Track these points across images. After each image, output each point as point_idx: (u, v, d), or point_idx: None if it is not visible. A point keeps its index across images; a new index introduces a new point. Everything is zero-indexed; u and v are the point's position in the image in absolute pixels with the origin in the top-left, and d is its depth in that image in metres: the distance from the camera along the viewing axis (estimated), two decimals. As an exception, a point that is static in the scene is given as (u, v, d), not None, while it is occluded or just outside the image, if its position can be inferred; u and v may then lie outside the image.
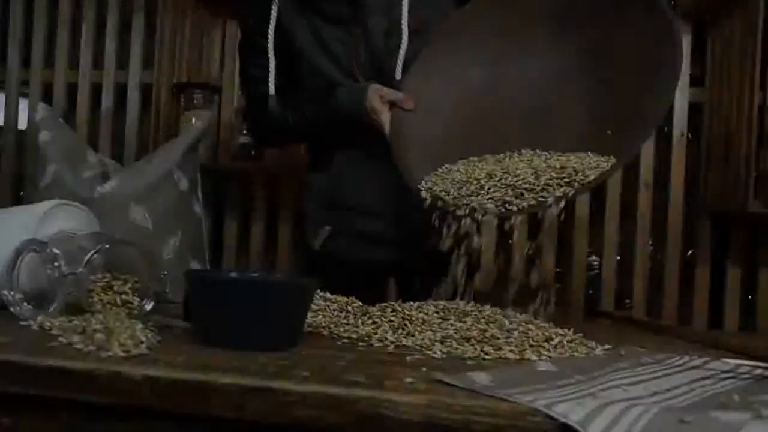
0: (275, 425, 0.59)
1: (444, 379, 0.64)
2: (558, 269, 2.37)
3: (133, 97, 2.58)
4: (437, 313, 0.91)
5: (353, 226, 1.35)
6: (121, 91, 2.60)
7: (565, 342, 0.85)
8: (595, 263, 2.40)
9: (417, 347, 0.82)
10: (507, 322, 0.87)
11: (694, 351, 0.95)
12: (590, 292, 2.40)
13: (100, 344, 0.68)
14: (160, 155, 1.13)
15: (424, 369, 0.69)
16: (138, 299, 0.87)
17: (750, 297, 2.24)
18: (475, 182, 0.98)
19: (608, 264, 2.32)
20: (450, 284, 1.00)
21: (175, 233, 1.10)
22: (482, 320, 0.88)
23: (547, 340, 0.84)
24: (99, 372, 0.63)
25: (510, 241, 0.93)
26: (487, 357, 0.78)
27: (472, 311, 0.91)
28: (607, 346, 0.88)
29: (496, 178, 0.97)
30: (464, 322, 0.87)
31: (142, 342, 0.70)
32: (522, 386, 0.63)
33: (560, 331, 0.89)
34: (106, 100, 2.59)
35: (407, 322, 0.90)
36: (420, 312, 0.92)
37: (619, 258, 2.35)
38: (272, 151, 2.31)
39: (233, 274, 0.84)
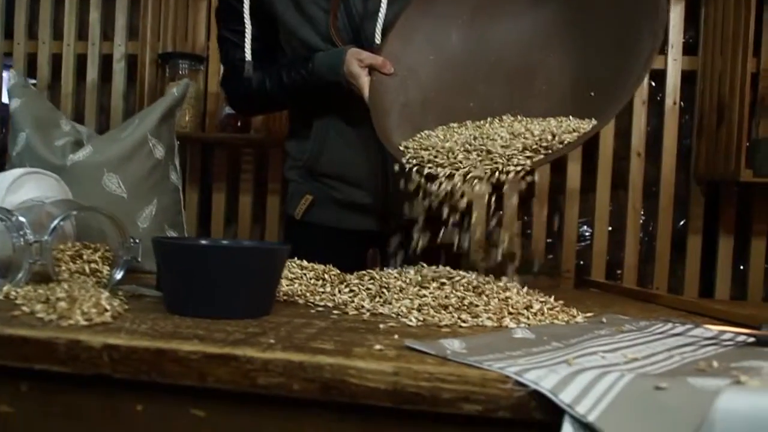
0: (238, 393, 0.57)
1: (414, 345, 0.62)
2: (549, 240, 2.36)
3: (119, 68, 2.54)
4: (416, 280, 0.89)
5: (334, 194, 1.32)
6: (106, 63, 2.56)
7: (545, 309, 0.83)
8: (587, 234, 2.38)
9: (393, 315, 0.80)
10: (487, 289, 0.85)
11: (679, 318, 0.93)
12: (581, 262, 2.39)
13: (62, 313, 0.66)
14: (135, 123, 1.10)
15: (396, 336, 0.67)
16: (108, 268, 0.85)
17: (741, 267, 2.23)
18: (450, 151, 0.95)
19: (600, 234, 2.30)
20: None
21: (151, 202, 1.08)
22: (461, 287, 0.86)
23: (527, 307, 0.83)
24: (58, 340, 0.60)
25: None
26: (463, 324, 0.76)
27: (452, 278, 0.89)
28: (589, 314, 0.86)
29: (472, 147, 0.94)
30: (443, 289, 0.85)
31: (106, 310, 0.68)
32: (495, 353, 0.61)
33: (541, 299, 0.87)
34: (91, 72, 2.55)
35: (384, 290, 0.88)
36: (398, 280, 0.90)
37: (610, 228, 2.33)
38: (259, 122, 2.28)
39: (202, 242, 0.81)
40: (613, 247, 2.33)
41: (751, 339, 0.74)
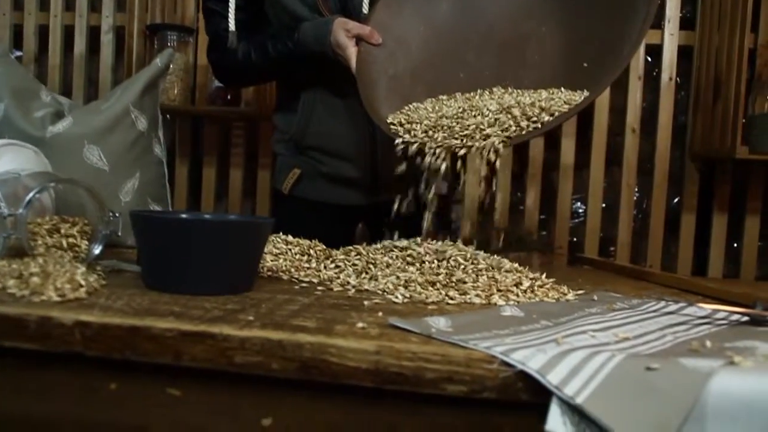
0: (216, 372, 0.55)
1: (398, 323, 0.60)
2: (542, 216, 2.34)
3: (107, 40, 2.49)
4: (403, 256, 0.87)
5: (322, 168, 1.30)
6: (94, 34, 2.51)
7: (536, 287, 0.81)
8: (580, 210, 2.37)
9: (379, 291, 0.78)
10: (476, 264, 0.83)
11: (671, 296, 0.92)
12: (574, 239, 2.37)
13: (35, 289, 0.64)
14: (117, 94, 1.07)
15: (380, 314, 0.65)
16: (86, 243, 0.82)
17: (735, 245, 2.21)
18: (439, 123, 0.93)
19: (593, 211, 2.29)
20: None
21: (133, 175, 1.05)
22: (450, 263, 0.83)
23: (517, 284, 0.81)
24: (29, 317, 0.58)
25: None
26: (451, 302, 0.74)
27: (440, 253, 0.87)
28: (580, 292, 0.84)
29: (459, 118, 0.91)
30: (431, 265, 0.83)
31: (81, 286, 0.66)
32: (482, 332, 0.59)
33: (531, 275, 0.85)
34: (79, 44, 2.50)
35: (371, 266, 0.86)
36: (385, 256, 0.88)
37: (604, 205, 2.31)
38: (250, 95, 2.24)
39: (181, 215, 0.79)
40: (607, 224, 2.32)
41: (745, 318, 0.72)
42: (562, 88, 0.94)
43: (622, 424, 0.46)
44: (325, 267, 0.89)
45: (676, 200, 2.26)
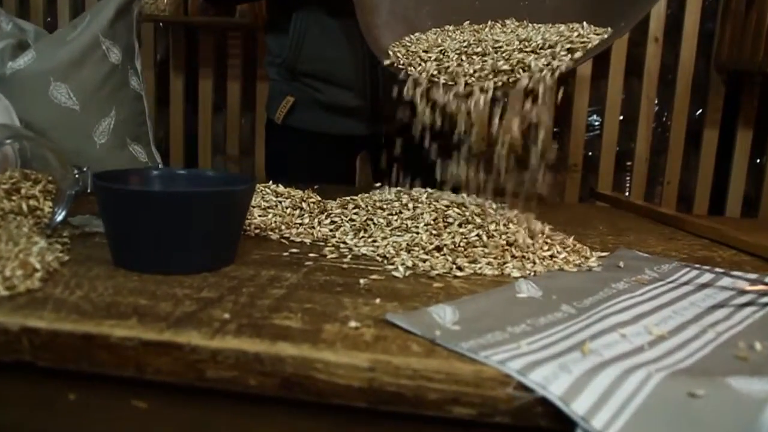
0: (186, 387, 0.48)
1: (397, 321, 0.51)
2: (556, 129, 2.22)
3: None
4: (406, 209, 0.78)
5: (317, 96, 1.18)
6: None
7: (555, 251, 0.72)
8: (596, 123, 2.25)
9: (378, 258, 0.70)
10: (489, 219, 0.74)
11: (699, 251, 0.83)
12: (589, 153, 2.27)
13: (-20, 277, 0.55)
14: (85, 21, 0.95)
15: (377, 301, 0.57)
16: (50, 205, 0.73)
17: (758, 160, 2.11)
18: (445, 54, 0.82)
19: (610, 124, 2.17)
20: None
21: (108, 113, 0.95)
22: (460, 219, 0.74)
23: (530, 248, 0.71)
24: (-30, 318, 0.50)
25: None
26: (459, 274, 0.66)
27: (449, 206, 0.77)
28: (603, 254, 0.75)
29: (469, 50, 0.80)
30: (436, 224, 0.74)
31: (36, 270, 0.57)
32: (493, 330, 0.51)
33: (547, 237, 0.76)
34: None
35: (371, 223, 0.78)
36: (385, 211, 0.79)
37: (621, 118, 2.19)
38: (244, 5, 2.09)
39: (153, 172, 0.69)
40: (624, 138, 2.20)
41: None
42: (585, 23, 0.82)
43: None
44: (319, 223, 0.80)
45: (698, 113, 2.14)
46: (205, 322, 0.50)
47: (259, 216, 0.80)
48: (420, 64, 0.83)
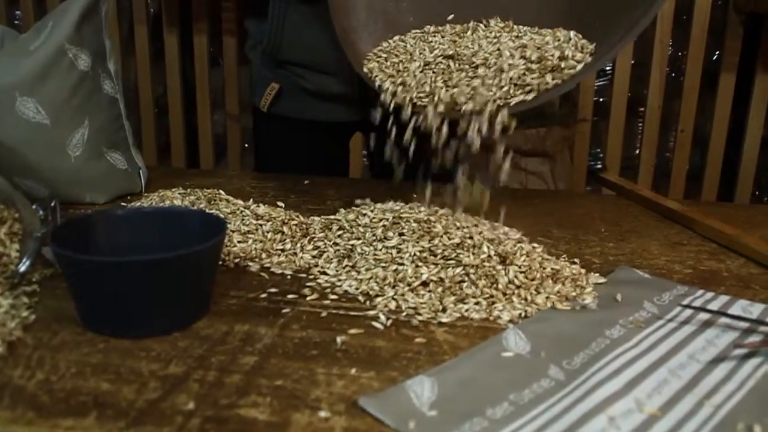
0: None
1: (370, 409, 0.48)
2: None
3: None
4: (390, 233, 0.74)
5: (302, 83, 1.12)
6: None
7: (549, 293, 0.67)
8: (607, 69, 2.16)
9: (361, 298, 0.67)
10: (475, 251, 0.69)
11: (706, 261, 0.79)
12: (600, 99, 2.19)
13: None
14: (47, 28, 0.88)
15: (353, 371, 0.54)
16: (17, 249, 0.70)
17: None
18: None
19: (621, 68, 2.08)
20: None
21: (81, 124, 0.90)
22: (446, 246, 0.70)
23: (523, 282, 0.67)
24: None
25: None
26: (444, 320, 0.62)
27: (432, 226, 0.73)
28: (600, 280, 0.71)
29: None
30: (422, 256, 0.70)
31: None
32: (474, 416, 0.47)
33: (542, 260, 0.71)
34: None
35: (355, 249, 0.74)
36: (369, 232, 0.75)
37: (633, 62, 2.10)
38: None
39: (118, 217, 0.65)
40: (636, 83, 2.12)
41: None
42: (573, 33, 0.77)
43: None
44: (302, 248, 0.76)
45: (714, 57, 2.04)
46: (167, 416, 0.47)
47: (239, 242, 0.76)
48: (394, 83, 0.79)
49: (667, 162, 2.20)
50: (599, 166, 2.25)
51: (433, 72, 0.76)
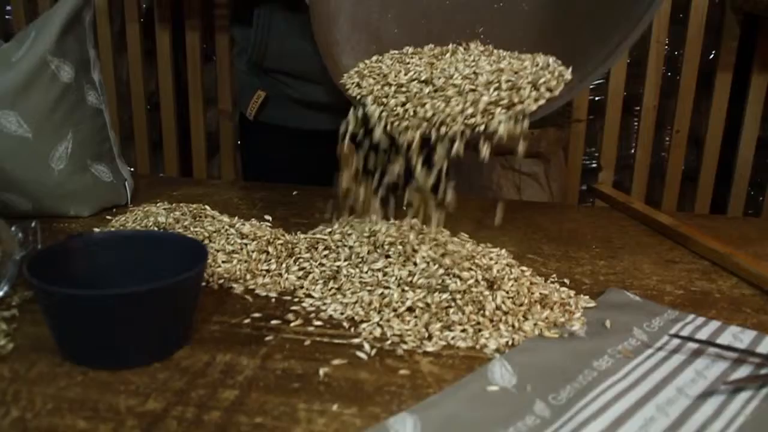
0: None
1: (350, 452, 0.47)
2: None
3: None
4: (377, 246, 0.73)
5: (288, 92, 1.11)
6: None
7: (537, 320, 0.66)
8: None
9: (345, 324, 0.65)
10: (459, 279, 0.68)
11: (698, 281, 0.78)
12: (595, 98, 2.18)
13: None
14: (29, 39, 0.86)
15: (335, 407, 0.53)
16: (-4, 271, 0.69)
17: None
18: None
19: (617, 67, 2.06)
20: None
21: (65, 137, 0.88)
22: (432, 270, 0.69)
23: (510, 309, 0.66)
24: None
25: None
26: (429, 348, 0.61)
27: (417, 248, 0.72)
28: (589, 304, 0.70)
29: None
30: (408, 280, 0.68)
31: (-32, 378, 0.53)
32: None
33: (528, 289, 0.70)
34: None
35: (341, 271, 0.73)
36: (353, 251, 0.74)
37: (629, 61, 2.08)
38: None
39: (96, 241, 0.64)
40: (632, 82, 2.10)
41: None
42: (551, 59, 0.76)
43: None
44: (287, 269, 0.75)
45: (711, 55, 2.02)
46: (141, 460, 0.46)
47: (224, 263, 0.75)
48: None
49: (662, 162, 2.19)
50: (594, 165, 2.24)
51: (405, 96, 0.76)
